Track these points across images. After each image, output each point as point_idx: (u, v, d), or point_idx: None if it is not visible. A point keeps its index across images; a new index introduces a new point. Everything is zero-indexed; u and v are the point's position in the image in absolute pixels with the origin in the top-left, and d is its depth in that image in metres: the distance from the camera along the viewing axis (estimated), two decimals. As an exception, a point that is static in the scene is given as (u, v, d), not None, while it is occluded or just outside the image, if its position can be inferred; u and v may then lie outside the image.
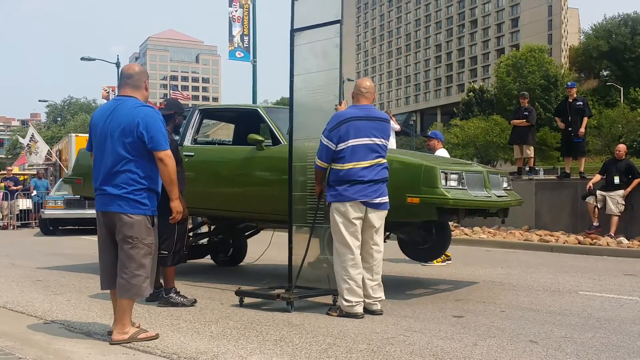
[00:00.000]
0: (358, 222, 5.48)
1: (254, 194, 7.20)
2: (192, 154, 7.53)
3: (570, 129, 12.94)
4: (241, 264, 9.37)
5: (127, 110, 4.50)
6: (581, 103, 13.11)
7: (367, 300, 5.55)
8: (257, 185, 7.19)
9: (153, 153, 4.50)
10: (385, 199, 5.58)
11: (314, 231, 5.99)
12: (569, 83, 14.36)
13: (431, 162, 6.35)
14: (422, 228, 7.33)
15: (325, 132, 5.56)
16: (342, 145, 5.47)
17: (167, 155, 4.51)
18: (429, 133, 10.03)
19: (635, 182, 11.72)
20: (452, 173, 6.26)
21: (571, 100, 13.11)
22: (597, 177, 12.19)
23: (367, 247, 5.57)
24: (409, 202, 6.11)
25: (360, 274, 5.49)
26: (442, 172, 6.14)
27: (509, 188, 7.27)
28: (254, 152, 7.09)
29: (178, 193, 4.78)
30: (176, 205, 4.80)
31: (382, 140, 5.61)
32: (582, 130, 12.90)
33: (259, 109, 7.67)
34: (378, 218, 5.56)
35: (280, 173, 6.60)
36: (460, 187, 6.28)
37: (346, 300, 5.45)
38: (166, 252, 6.00)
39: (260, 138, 7.07)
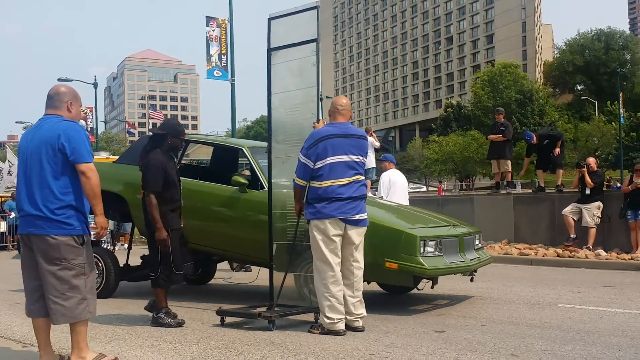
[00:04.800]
0: (337, 239, 5.49)
1: (230, 235, 7.24)
2: None
3: (550, 153, 13.32)
4: (225, 283, 9.32)
5: (49, 126, 4.32)
6: (547, 140, 13.60)
7: (348, 317, 5.55)
8: (235, 227, 7.20)
9: (75, 166, 4.26)
10: (364, 215, 5.61)
11: (294, 249, 6.00)
12: (526, 136, 14.31)
13: (412, 228, 6.43)
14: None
15: (302, 150, 5.58)
16: (319, 163, 5.49)
17: (89, 168, 4.26)
18: (381, 157, 10.47)
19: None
20: (430, 240, 6.38)
21: (537, 143, 13.70)
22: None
23: (347, 264, 5.58)
24: (387, 267, 6.22)
25: (341, 290, 5.49)
26: (421, 239, 6.24)
27: (479, 246, 7.45)
28: (236, 194, 7.09)
29: (102, 208, 4.41)
30: (101, 221, 4.43)
31: (360, 157, 5.65)
32: (558, 150, 13.28)
33: (244, 148, 7.59)
34: (357, 235, 5.58)
35: (260, 216, 6.67)
36: (437, 253, 6.41)
37: (328, 318, 5.44)
38: (153, 274, 6.01)
39: (244, 181, 7.07)
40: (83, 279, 4.28)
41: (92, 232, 4.54)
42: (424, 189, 57.42)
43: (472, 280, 7.24)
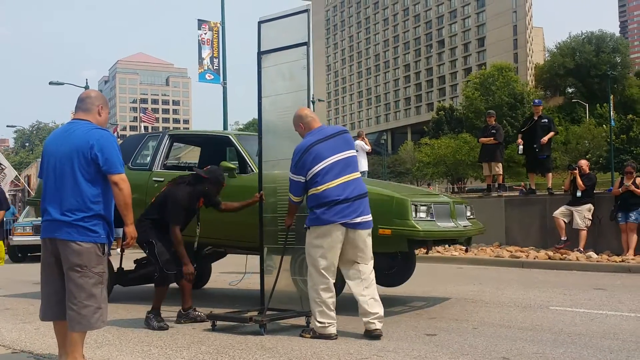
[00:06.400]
0: (337, 245, 5.40)
1: (222, 221, 7.19)
2: (162, 179, 7.50)
3: (535, 145, 13.10)
4: (217, 287, 9.30)
5: (81, 132, 4.30)
6: (546, 120, 13.30)
7: (364, 319, 5.40)
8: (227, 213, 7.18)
9: (108, 177, 4.28)
10: (367, 217, 5.50)
11: (285, 252, 5.98)
12: (535, 100, 14.50)
13: (402, 195, 6.49)
14: (388, 254, 7.39)
15: (291, 169, 5.52)
16: (311, 173, 5.41)
17: (122, 179, 4.29)
18: None
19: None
20: (421, 205, 6.41)
21: (536, 118, 13.28)
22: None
23: (354, 265, 5.50)
24: (381, 234, 6.20)
25: (333, 297, 5.44)
26: (412, 204, 6.27)
27: (472, 217, 7.48)
28: (226, 180, 7.07)
29: (132, 218, 4.50)
30: (131, 230, 4.52)
31: (350, 151, 5.58)
32: (545, 139, 13.00)
33: (230, 136, 7.64)
34: (361, 239, 5.46)
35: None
36: (429, 218, 6.46)
37: (319, 322, 5.41)
38: (156, 274, 6.17)
39: (233, 166, 7.08)
40: (100, 288, 4.29)
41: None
42: None
43: (466, 250, 7.24)
